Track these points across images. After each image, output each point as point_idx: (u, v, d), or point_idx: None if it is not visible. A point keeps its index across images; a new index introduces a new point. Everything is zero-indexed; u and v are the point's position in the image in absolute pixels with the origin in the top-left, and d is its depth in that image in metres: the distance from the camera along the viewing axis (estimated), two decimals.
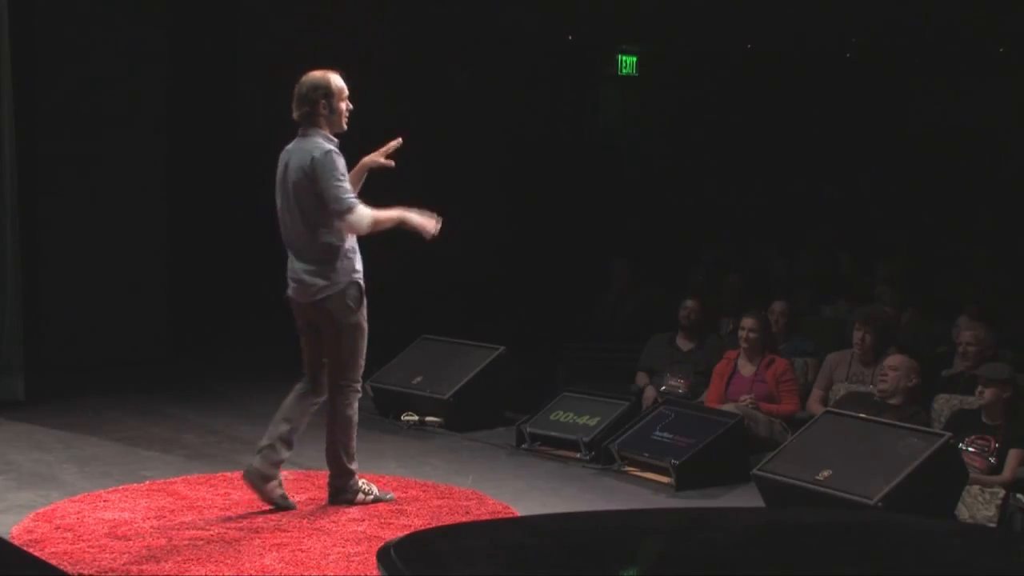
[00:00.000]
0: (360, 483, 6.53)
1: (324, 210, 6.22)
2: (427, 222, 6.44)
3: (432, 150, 13.35)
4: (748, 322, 8.13)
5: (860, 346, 7.97)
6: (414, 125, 13.06)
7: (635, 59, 17.51)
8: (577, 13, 14.20)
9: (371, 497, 6.49)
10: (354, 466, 6.50)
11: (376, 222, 6.29)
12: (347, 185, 6.23)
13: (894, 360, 7.37)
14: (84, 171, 9.98)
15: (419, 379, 8.66)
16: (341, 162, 6.25)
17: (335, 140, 6.33)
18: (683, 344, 8.86)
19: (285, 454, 6.42)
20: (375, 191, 6.47)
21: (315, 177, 6.18)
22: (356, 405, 6.48)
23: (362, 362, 6.47)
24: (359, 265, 6.39)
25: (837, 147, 17.13)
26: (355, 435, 6.48)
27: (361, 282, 6.39)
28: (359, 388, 6.49)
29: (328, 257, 6.28)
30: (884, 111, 17.51)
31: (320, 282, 6.29)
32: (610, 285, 11.26)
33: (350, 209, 6.18)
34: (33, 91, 9.63)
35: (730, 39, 16.02)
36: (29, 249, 9.30)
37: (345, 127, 6.41)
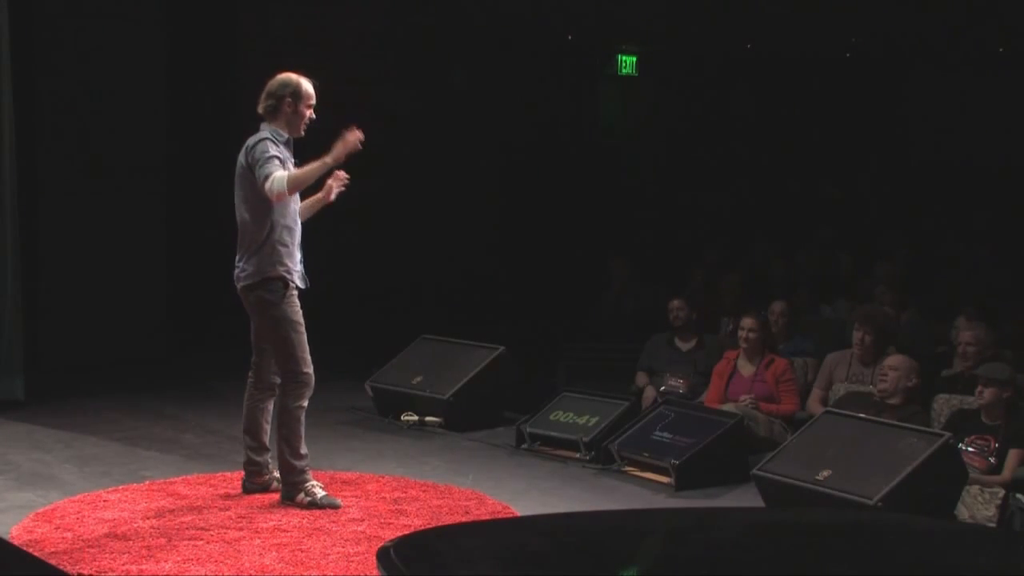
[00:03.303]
0: (308, 483, 6.39)
1: (253, 199, 6.28)
2: (345, 144, 6.24)
3: (432, 150, 13.36)
4: (748, 322, 8.13)
5: (860, 346, 7.96)
6: (414, 124, 13.13)
7: (635, 59, 17.50)
8: (577, 13, 14.20)
9: (308, 500, 6.34)
10: (301, 463, 6.39)
11: (295, 180, 6.18)
12: (275, 161, 6.18)
13: (894, 360, 7.37)
14: (84, 172, 9.98)
15: (419, 379, 8.66)
16: (272, 148, 6.24)
17: (283, 136, 6.33)
18: (682, 344, 8.86)
19: (263, 456, 6.62)
20: (375, 191, 6.47)
21: (250, 164, 6.26)
22: (304, 400, 6.39)
23: (302, 355, 6.33)
24: (288, 260, 6.32)
25: (837, 147, 17.13)
26: (301, 431, 6.38)
27: (288, 276, 6.31)
28: (307, 381, 6.38)
29: (254, 246, 6.33)
30: (883, 111, 17.51)
31: (245, 269, 6.36)
32: (610, 285, 11.27)
33: (267, 178, 6.15)
34: (33, 91, 9.62)
35: (730, 39, 16.01)
36: (29, 249, 9.30)
37: (302, 133, 6.41)
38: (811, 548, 3.48)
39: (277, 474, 6.63)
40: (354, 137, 6.24)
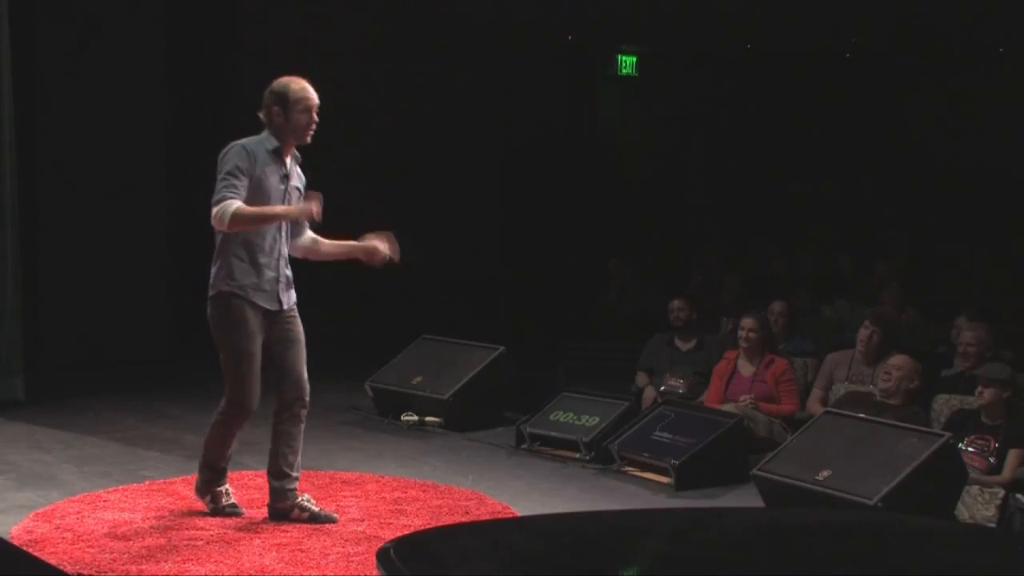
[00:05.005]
0: (218, 494, 6.21)
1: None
2: (303, 211, 5.94)
3: (432, 150, 13.36)
4: (748, 322, 8.13)
5: (866, 344, 7.92)
6: (413, 125, 13.13)
7: (635, 59, 17.50)
8: (577, 13, 14.20)
9: (211, 507, 6.19)
10: (211, 474, 6.22)
11: (242, 216, 5.75)
12: (233, 182, 5.79)
13: (898, 360, 7.37)
14: (84, 171, 9.98)
15: (419, 379, 8.67)
16: (239, 160, 5.85)
17: (272, 144, 5.95)
18: (682, 344, 8.86)
19: (281, 483, 6.17)
20: (374, 191, 6.46)
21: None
22: (230, 421, 6.06)
23: (242, 385, 5.99)
24: (243, 275, 5.91)
25: (837, 147, 17.13)
26: (217, 447, 6.13)
27: (240, 292, 5.90)
28: (239, 410, 6.05)
29: (215, 255, 6.00)
30: (884, 111, 17.50)
31: (210, 280, 6.03)
32: (610, 285, 11.27)
33: (218, 201, 5.76)
34: (33, 91, 9.63)
35: (730, 39, 16.01)
36: (29, 249, 9.30)
37: (307, 140, 6.00)
38: (811, 548, 3.48)
39: (301, 501, 6.19)
40: (314, 209, 5.89)
